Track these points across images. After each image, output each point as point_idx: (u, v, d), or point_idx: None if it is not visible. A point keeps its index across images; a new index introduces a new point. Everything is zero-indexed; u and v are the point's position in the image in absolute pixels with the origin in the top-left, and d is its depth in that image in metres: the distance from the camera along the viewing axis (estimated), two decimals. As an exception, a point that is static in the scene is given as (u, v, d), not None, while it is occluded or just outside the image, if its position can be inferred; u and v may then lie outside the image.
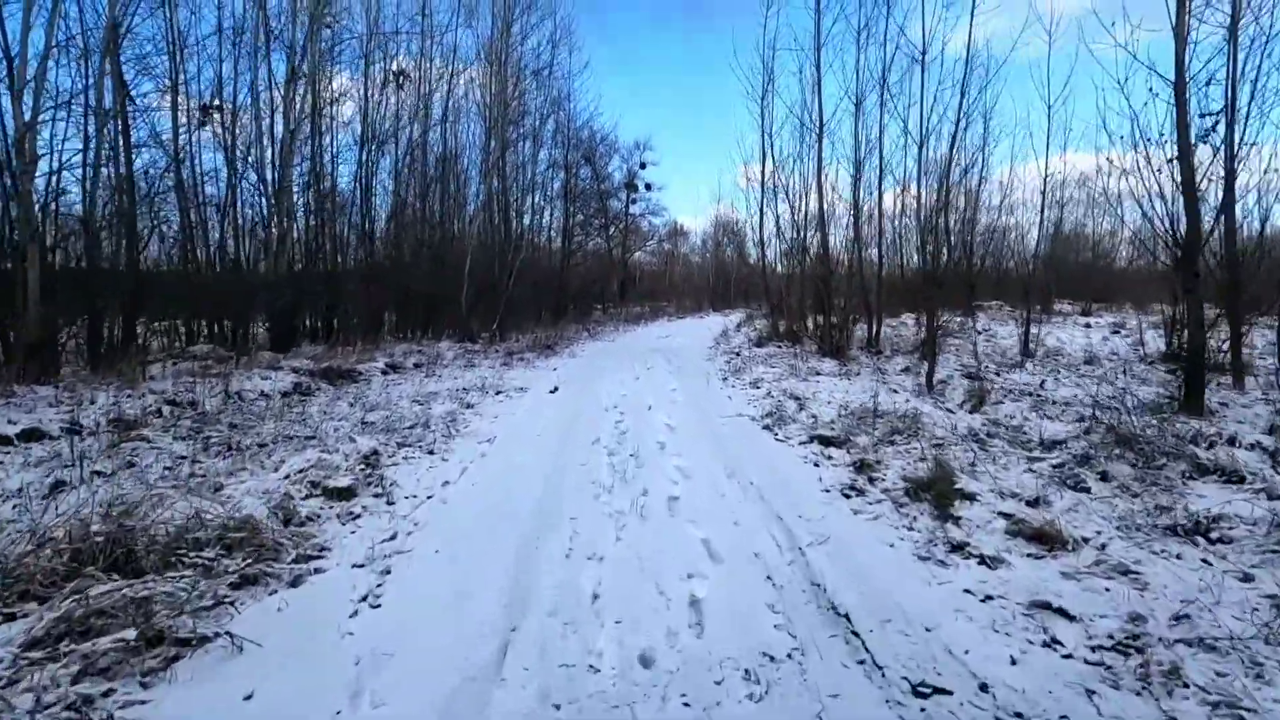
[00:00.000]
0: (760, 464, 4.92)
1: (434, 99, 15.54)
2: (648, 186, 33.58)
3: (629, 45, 54.56)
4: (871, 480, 4.41)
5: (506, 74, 15.10)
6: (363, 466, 4.73)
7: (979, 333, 12.34)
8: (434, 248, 14.97)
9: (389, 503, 4.18)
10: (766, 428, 5.99)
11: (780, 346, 10.84)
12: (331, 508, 4.00)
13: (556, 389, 8.12)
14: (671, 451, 5.29)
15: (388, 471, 4.74)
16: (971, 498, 3.70)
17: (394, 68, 15.58)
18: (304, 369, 8.51)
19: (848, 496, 4.20)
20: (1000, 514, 3.52)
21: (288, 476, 4.40)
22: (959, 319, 16.34)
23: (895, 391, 7.15)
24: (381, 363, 9.53)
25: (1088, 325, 13.89)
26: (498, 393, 7.85)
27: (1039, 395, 7.14)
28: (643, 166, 32.60)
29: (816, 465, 4.86)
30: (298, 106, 11.31)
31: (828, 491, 4.31)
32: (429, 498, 4.31)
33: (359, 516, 3.93)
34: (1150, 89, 6.23)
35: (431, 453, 5.25)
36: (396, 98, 15.58)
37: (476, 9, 14.98)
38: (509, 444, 5.58)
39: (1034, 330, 10.50)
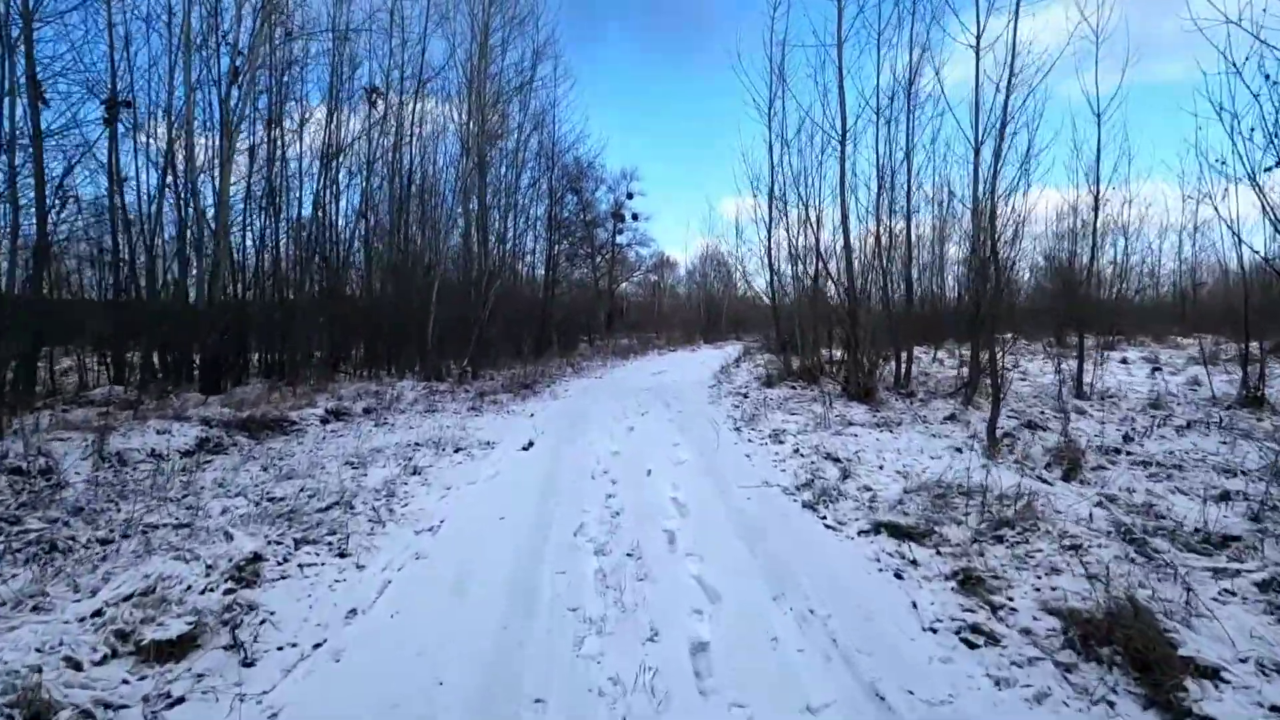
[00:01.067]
0: (816, 574, 3.41)
1: (405, 112, 14.25)
2: (634, 216, 32.64)
3: (615, 79, 54.40)
4: (996, 612, 2.92)
5: (485, 87, 13.87)
6: (230, 585, 3.15)
7: (1009, 368, 11.01)
8: (401, 274, 13.47)
9: (245, 663, 2.61)
10: (808, 506, 4.49)
11: (795, 387, 9.43)
12: (136, 681, 2.41)
13: (531, 444, 6.57)
14: (686, 549, 3.76)
15: (266, 594, 3.16)
16: (1213, 675, 2.21)
17: (365, 84, 14.36)
18: (220, 418, 6.90)
19: (972, 645, 2.69)
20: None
21: (98, 612, 2.83)
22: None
23: (959, 451, 5.71)
24: (323, 408, 7.93)
25: (1124, 361, 12.64)
26: (457, 450, 6.28)
27: (1132, 453, 5.74)
28: (630, 196, 31.69)
29: (899, 577, 3.36)
30: (237, 107, 9.88)
31: (933, 631, 2.82)
32: (316, 647, 2.75)
33: (179, 702, 2.35)
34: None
35: (344, 554, 3.67)
36: (367, 114, 14.29)
37: (453, 17, 13.80)
38: (457, 538, 4.01)
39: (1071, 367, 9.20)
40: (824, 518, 4.27)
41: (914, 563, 3.49)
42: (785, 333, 10.04)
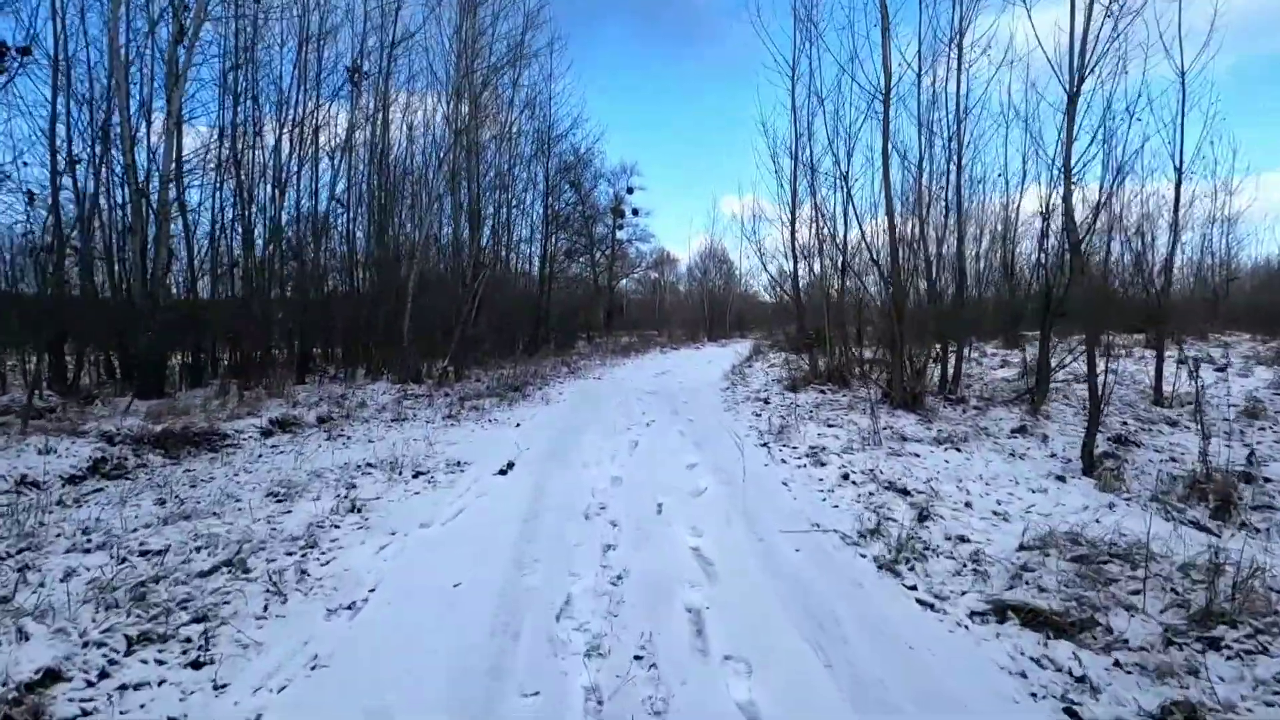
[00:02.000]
0: (931, 702, 2.15)
1: (389, 87, 12.97)
2: (634, 211, 31.42)
3: (614, 77, 53.12)
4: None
5: (472, 58, 12.58)
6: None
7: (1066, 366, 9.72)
8: (383, 266, 12.20)
9: None
10: (885, 567, 3.22)
11: (824, 391, 8.16)
12: None
13: (512, 465, 5.30)
14: (722, 649, 2.50)
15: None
16: None
17: (346, 64, 13.08)
18: (131, 433, 5.64)
19: None
20: None
21: None
22: (1003, 351, 13.84)
23: (1061, 480, 4.44)
24: (266, 418, 6.65)
25: (1182, 362, 11.34)
26: (417, 474, 5.01)
27: (1272, 479, 4.48)
28: (630, 191, 30.45)
29: (1072, 716, 2.09)
30: (184, 69, 8.58)
31: None
32: None
33: None
34: None
35: (199, 664, 2.41)
36: (350, 94, 13.01)
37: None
38: (385, 624, 2.74)
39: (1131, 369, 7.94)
40: (912, 587, 3.00)
41: (1082, 681, 2.23)
42: (811, 329, 8.80)
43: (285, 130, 11.72)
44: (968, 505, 3.95)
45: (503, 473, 5.09)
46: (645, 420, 7.37)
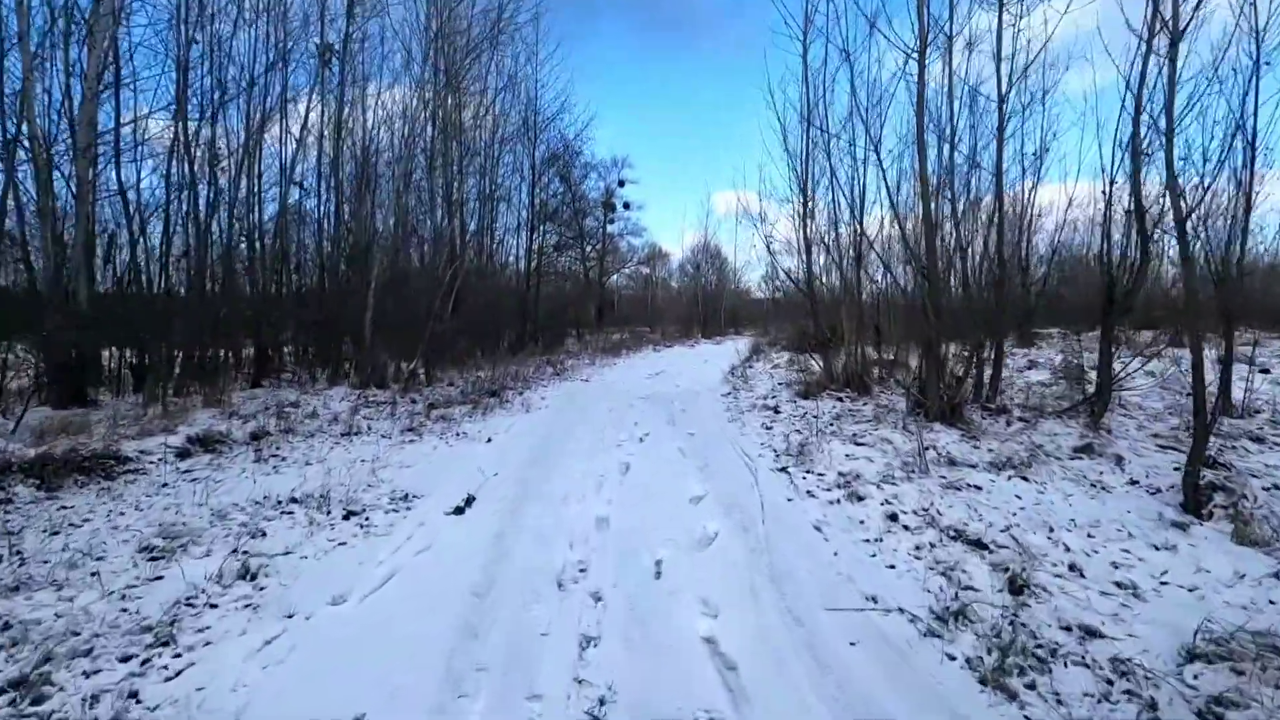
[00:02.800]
0: None
1: (355, 62, 11.82)
2: (626, 205, 30.39)
3: (606, 72, 51.88)
4: None
5: (448, 33, 11.46)
6: None
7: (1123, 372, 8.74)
8: (349, 258, 11.07)
9: None
10: (992, 682, 2.20)
11: (842, 398, 7.15)
12: None
13: (470, 502, 4.25)
14: None
15: None
16: None
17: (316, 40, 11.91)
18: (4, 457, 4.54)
19: None
20: None
21: None
22: (1017, 350, 12.92)
23: (1181, 529, 3.44)
24: (185, 435, 5.56)
25: (1220, 361, 10.43)
26: (350, 514, 3.95)
27: None
28: (621, 184, 29.40)
29: None
30: (105, 18, 7.40)
31: None
32: None
33: None
34: None
35: None
36: (318, 72, 11.86)
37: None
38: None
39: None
40: (1044, 724, 1.99)
41: None
42: (826, 327, 7.79)
43: (246, 109, 10.57)
44: (1074, 569, 2.95)
45: (459, 510, 4.04)
46: (638, 433, 6.33)
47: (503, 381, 10.00)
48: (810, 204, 8.09)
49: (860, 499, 4.04)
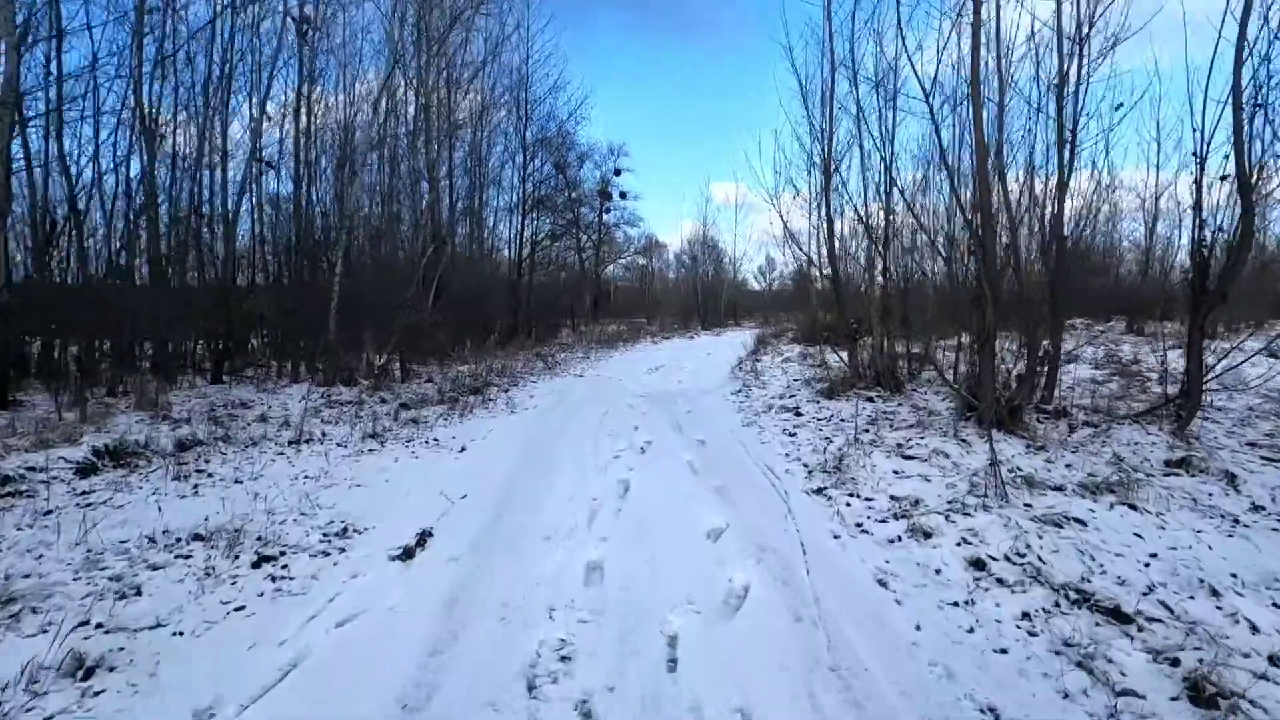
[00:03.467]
0: None
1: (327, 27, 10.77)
2: (623, 195, 29.30)
3: (604, 61, 50.63)
4: None
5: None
6: None
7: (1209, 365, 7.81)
8: (313, 241, 10.07)
9: None
10: None
11: (873, 398, 6.23)
12: None
13: (425, 540, 3.32)
14: None
15: None
16: None
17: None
18: None
19: None
20: None
21: None
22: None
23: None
24: (91, 446, 4.60)
25: (1273, 354, 9.55)
26: (262, 561, 3.01)
27: None
28: (617, 173, 28.29)
29: None
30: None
31: None
32: None
33: None
34: None
35: None
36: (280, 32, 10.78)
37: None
38: None
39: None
40: None
41: None
42: (853, 318, 6.83)
43: (206, 75, 9.55)
44: (1275, 663, 2.04)
45: (407, 554, 3.11)
46: (639, 441, 5.40)
47: (486, 377, 9.05)
48: (832, 178, 7.11)
49: (927, 536, 3.13)
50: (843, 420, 5.69)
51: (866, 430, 5.17)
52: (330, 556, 3.08)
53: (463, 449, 5.32)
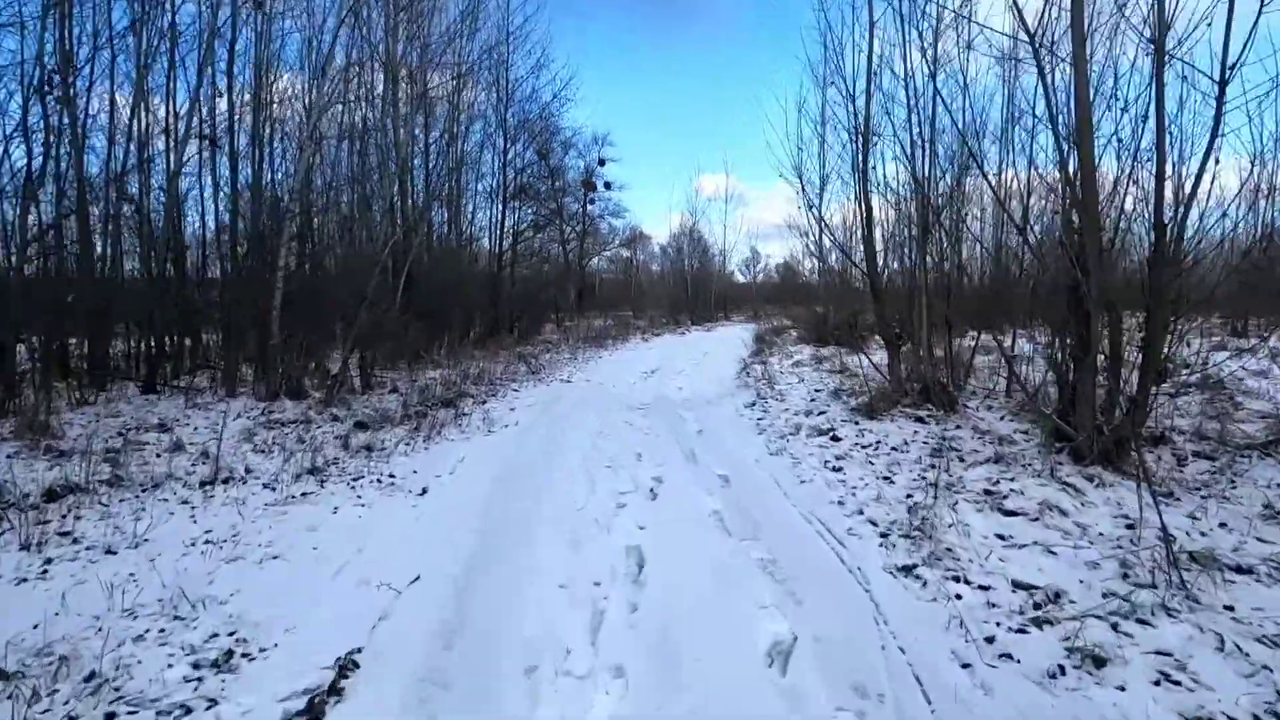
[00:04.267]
0: None
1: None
2: (607, 185, 28.10)
3: (592, 50, 49.09)
4: None
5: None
6: None
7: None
8: (252, 230, 8.76)
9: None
10: None
11: (923, 419, 5.18)
12: None
13: (347, 673, 2.22)
14: None
15: None
16: None
17: None
18: None
19: None
20: None
21: None
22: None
23: None
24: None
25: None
26: (73, 734, 1.90)
27: None
28: (601, 163, 27.09)
29: None
30: None
31: None
32: None
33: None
34: None
35: None
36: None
37: None
38: None
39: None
40: None
41: None
42: (891, 319, 5.80)
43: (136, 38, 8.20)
44: None
45: (311, 708, 1.99)
46: (645, 479, 4.32)
47: (461, 385, 7.91)
48: (868, 147, 6.00)
49: (1101, 665, 2.09)
50: (893, 449, 4.65)
51: (932, 466, 4.14)
52: (191, 718, 1.97)
53: (424, 490, 4.20)
